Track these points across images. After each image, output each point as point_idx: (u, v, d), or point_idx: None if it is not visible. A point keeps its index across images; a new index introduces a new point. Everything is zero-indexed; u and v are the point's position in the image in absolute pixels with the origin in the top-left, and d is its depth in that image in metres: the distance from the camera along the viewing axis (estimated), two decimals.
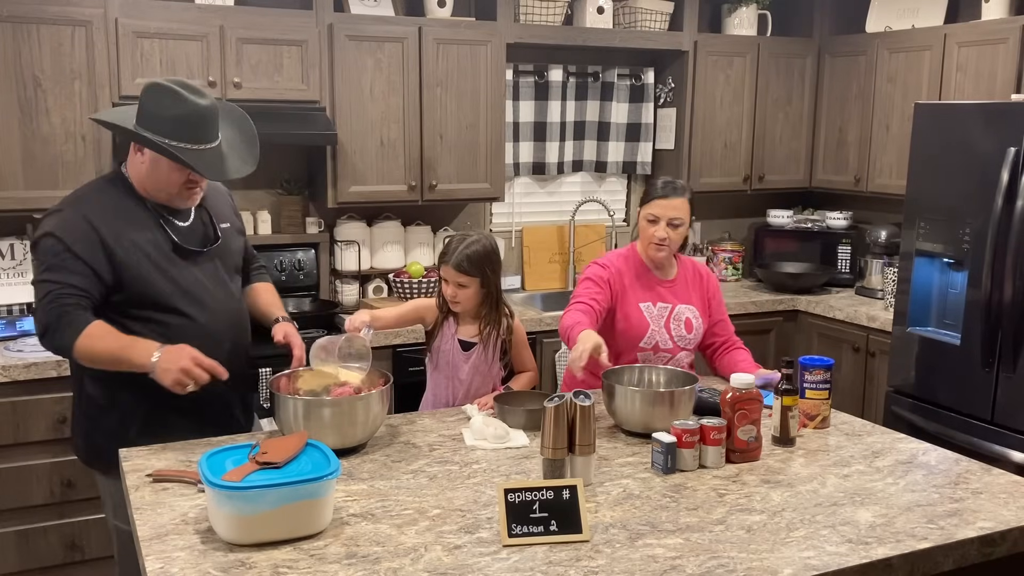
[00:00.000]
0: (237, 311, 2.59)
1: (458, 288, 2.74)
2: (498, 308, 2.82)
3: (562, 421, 2.10)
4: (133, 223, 2.40)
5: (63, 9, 3.40)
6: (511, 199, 4.72)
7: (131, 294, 2.38)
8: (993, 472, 2.29)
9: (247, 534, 1.82)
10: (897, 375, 3.86)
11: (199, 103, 2.32)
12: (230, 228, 2.62)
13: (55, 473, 3.33)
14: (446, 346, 2.81)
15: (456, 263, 2.72)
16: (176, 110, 2.30)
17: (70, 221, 2.35)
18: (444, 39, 4.04)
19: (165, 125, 2.30)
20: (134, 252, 2.37)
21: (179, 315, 2.42)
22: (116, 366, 2.32)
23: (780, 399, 2.44)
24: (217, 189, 2.67)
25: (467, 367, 2.80)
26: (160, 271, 2.40)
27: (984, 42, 4.01)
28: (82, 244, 2.32)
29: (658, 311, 2.93)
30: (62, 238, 2.32)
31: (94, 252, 2.33)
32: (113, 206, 2.40)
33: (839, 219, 4.94)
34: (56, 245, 2.32)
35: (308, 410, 2.28)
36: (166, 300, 2.40)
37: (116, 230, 2.36)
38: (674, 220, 2.87)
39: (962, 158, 3.53)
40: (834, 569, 1.77)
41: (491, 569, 1.76)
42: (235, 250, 2.64)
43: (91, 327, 2.30)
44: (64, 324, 2.29)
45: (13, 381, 3.22)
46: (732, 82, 4.73)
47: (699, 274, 3.07)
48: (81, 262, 2.31)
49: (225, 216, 2.63)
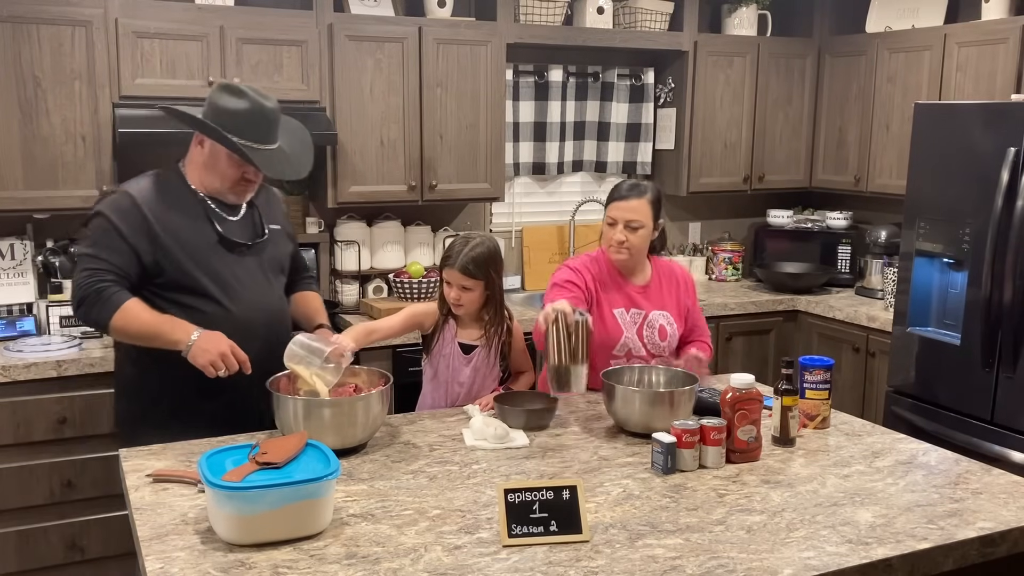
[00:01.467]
0: (275, 309, 2.66)
1: (462, 291, 2.71)
2: (500, 310, 2.81)
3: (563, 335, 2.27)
4: (182, 212, 2.52)
5: (63, 9, 3.40)
6: (511, 199, 4.72)
7: (170, 278, 2.48)
8: (993, 472, 2.29)
9: (247, 534, 1.82)
10: (897, 375, 3.86)
11: (264, 104, 2.47)
12: (280, 231, 2.74)
13: (55, 473, 3.33)
14: (446, 350, 2.79)
15: (461, 266, 2.68)
16: (241, 106, 2.45)
17: (121, 203, 2.49)
18: (444, 39, 4.04)
19: (231, 119, 2.44)
20: (178, 238, 2.48)
21: (214, 303, 2.51)
22: (150, 342, 2.44)
23: (780, 399, 2.44)
24: (272, 194, 2.81)
25: (468, 370, 2.79)
26: (201, 259, 2.51)
27: (984, 42, 4.01)
28: (128, 225, 2.45)
29: (631, 317, 2.86)
30: (110, 218, 2.46)
31: (138, 234, 2.45)
32: (165, 194, 2.53)
33: (839, 219, 4.94)
34: (104, 224, 2.46)
35: (308, 410, 2.28)
36: (203, 287, 2.50)
37: (164, 216, 2.49)
38: (632, 223, 2.78)
39: (962, 158, 3.53)
40: (834, 569, 1.77)
41: (491, 569, 1.76)
42: (281, 252, 2.74)
43: (128, 304, 2.42)
44: (102, 300, 2.41)
45: (13, 381, 3.23)
46: (732, 82, 4.73)
47: (675, 278, 2.98)
48: (125, 242, 2.44)
49: (276, 219, 2.75)
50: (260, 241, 2.63)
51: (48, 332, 3.60)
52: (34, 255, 3.69)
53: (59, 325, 3.59)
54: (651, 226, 2.82)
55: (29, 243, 3.68)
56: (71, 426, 3.31)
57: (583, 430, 2.57)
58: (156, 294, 2.49)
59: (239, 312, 2.52)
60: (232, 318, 2.50)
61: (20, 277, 3.66)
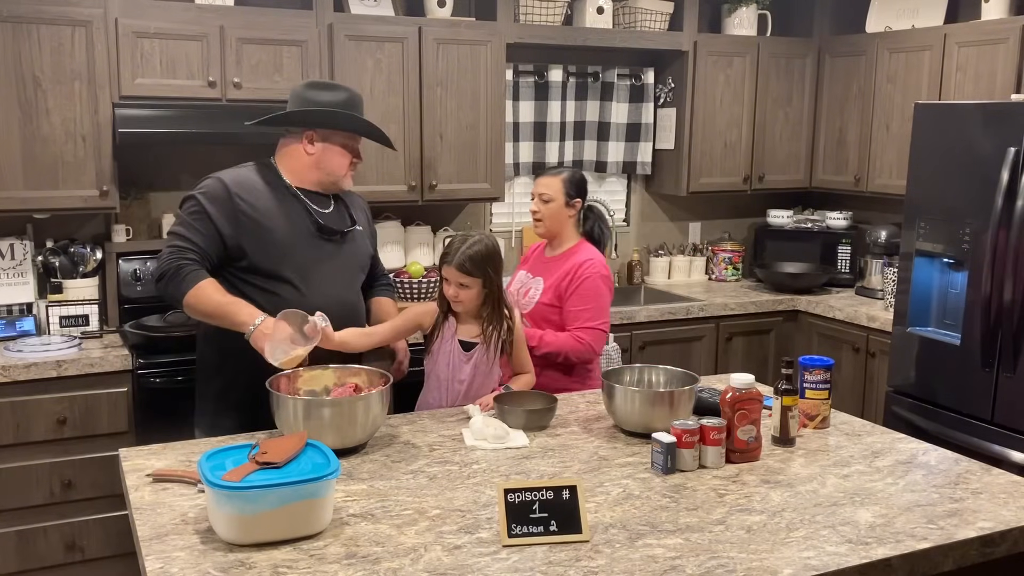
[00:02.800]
0: (350, 303, 2.77)
1: (460, 288, 2.73)
2: (500, 308, 2.81)
3: None
4: (277, 202, 2.66)
5: (63, 9, 3.40)
6: (511, 199, 4.72)
7: (252, 262, 2.61)
8: (993, 472, 2.29)
9: (247, 534, 1.82)
10: (897, 375, 3.86)
11: (353, 90, 2.76)
12: (364, 231, 2.87)
13: (55, 473, 3.33)
14: (446, 347, 2.79)
15: (459, 263, 2.70)
16: (341, 97, 2.69)
17: (213, 187, 2.62)
18: (444, 39, 4.04)
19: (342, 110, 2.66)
20: (269, 225, 2.61)
21: (292, 288, 2.63)
22: (218, 321, 2.54)
23: (780, 399, 2.44)
24: (357, 196, 2.94)
25: (468, 367, 2.79)
26: (290, 247, 2.63)
27: (984, 42, 4.01)
28: (216, 209, 2.58)
29: (524, 277, 3.22)
30: (200, 201, 2.60)
31: (225, 218, 2.58)
32: (259, 184, 2.67)
33: (839, 219, 4.94)
34: (195, 205, 2.61)
35: (308, 410, 2.28)
36: (283, 273, 2.62)
37: (255, 203, 2.62)
38: (543, 195, 3.12)
39: (962, 158, 3.53)
40: (834, 569, 1.77)
41: (491, 569, 1.76)
42: (363, 249, 2.86)
43: (204, 282, 2.54)
44: (180, 276, 2.53)
45: (13, 381, 3.23)
46: (732, 82, 4.73)
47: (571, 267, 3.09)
48: (212, 224, 2.58)
49: (361, 220, 2.88)
50: (351, 229, 2.78)
51: (48, 332, 3.60)
52: (34, 255, 3.69)
53: (59, 325, 3.59)
54: (562, 201, 3.12)
55: (29, 243, 3.68)
56: (71, 426, 3.32)
57: (583, 430, 2.57)
58: (236, 276, 2.62)
59: (314, 300, 2.59)
60: (306, 304, 2.54)
61: (20, 277, 3.66)
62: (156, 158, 3.94)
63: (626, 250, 4.99)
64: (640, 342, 4.30)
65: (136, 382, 3.38)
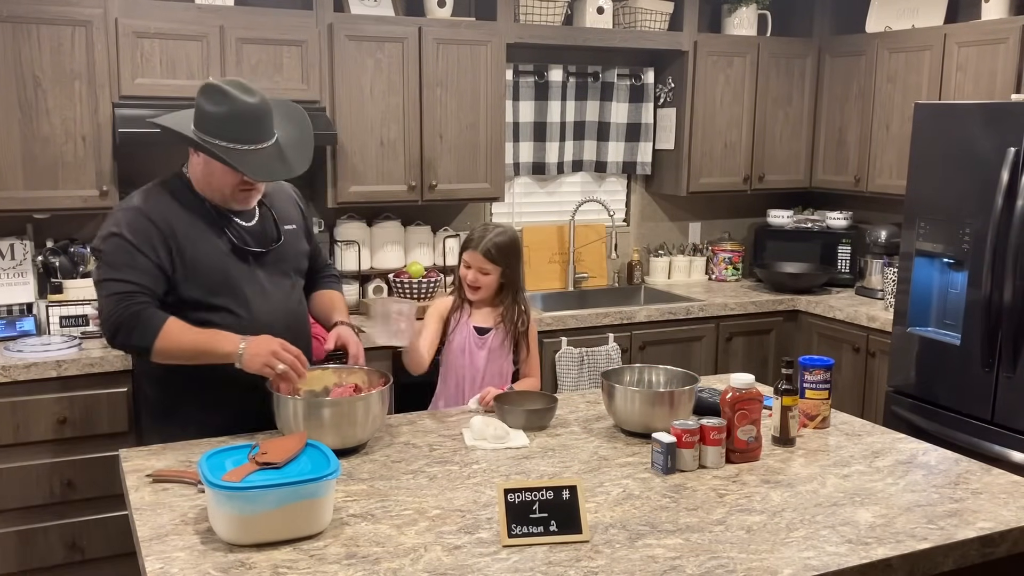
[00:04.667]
0: (293, 312, 2.57)
1: (480, 274, 2.79)
2: (517, 298, 2.87)
3: None
4: (192, 222, 2.41)
5: (63, 9, 3.40)
6: (511, 199, 4.72)
7: (186, 293, 2.39)
8: (993, 472, 2.29)
9: (247, 534, 1.82)
10: (897, 375, 3.86)
11: (247, 101, 2.30)
12: (296, 230, 2.62)
13: (55, 473, 3.33)
14: (461, 335, 2.84)
15: (484, 249, 2.77)
16: (224, 108, 2.29)
17: (134, 220, 2.36)
18: (444, 39, 4.04)
19: (214, 125, 2.29)
20: (193, 250, 2.38)
21: (230, 315, 2.42)
22: (195, 360, 2.34)
23: (780, 399, 2.44)
24: (283, 190, 2.68)
25: (483, 353, 2.83)
26: (215, 270, 2.41)
27: (984, 42, 4.01)
28: (147, 243, 2.34)
29: None
30: (127, 237, 2.34)
31: (158, 250, 2.34)
32: (174, 206, 2.41)
33: (839, 219, 4.94)
34: (122, 244, 2.34)
35: (308, 410, 2.28)
36: (218, 300, 2.41)
37: (177, 228, 2.38)
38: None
39: (962, 158, 3.53)
40: (834, 569, 1.77)
41: (491, 569, 1.76)
42: (298, 252, 2.63)
43: (168, 324, 2.32)
44: (141, 324, 2.30)
45: (13, 381, 3.22)
46: (732, 82, 4.73)
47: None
48: (148, 260, 2.33)
49: (291, 217, 2.63)
50: (275, 247, 2.52)
51: (48, 332, 3.60)
52: (34, 255, 3.69)
53: (59, 325, 3.59)
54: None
55: (29, 243, 3.68)
56: (71, 426, 3.31)
57: (583, 430, 2.57)
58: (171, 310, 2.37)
59: (256, 321, 2.43)
60: (249, 328, 2.40)
61: (20, 277, 3.66)
62: (156, 158, 3.93)
63: (626, 250, 4.99)
64: (640, 342, 4.30)
65: (136, 382, 3.37)
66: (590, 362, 4.13)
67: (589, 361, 4.13)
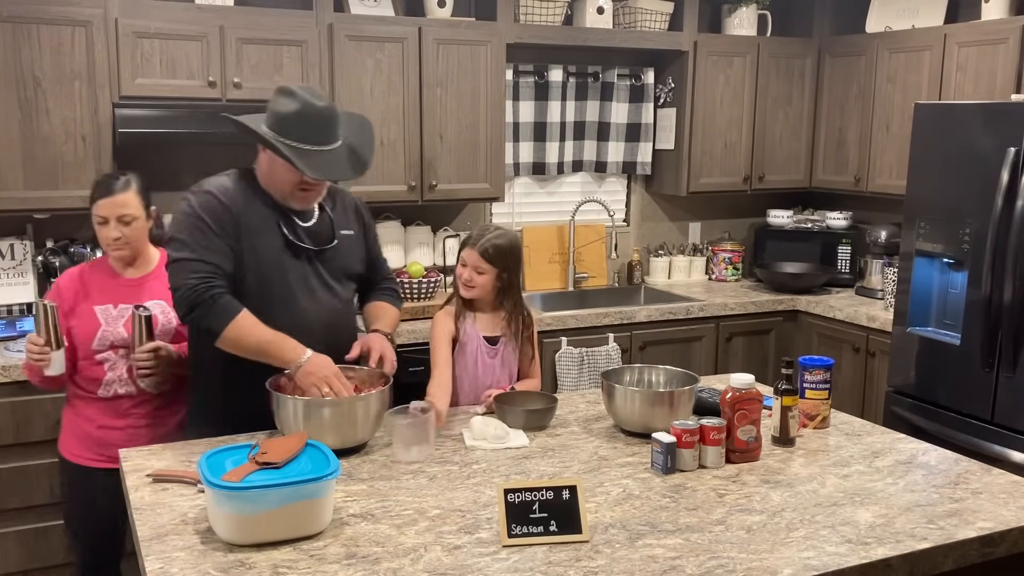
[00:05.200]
0: (337, 313, 2.61)
1: (475, 273, 2.77)
2: (520, 303, 2.85)
3: None
4: (255, 214, 2.47)
5: (63, 9, 3.40)
6: (511, 199, 4.72)
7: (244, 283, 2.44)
8: (993, 472, 2.29)
9: (247, 534, 1.83)
10: (897, 375, 3.86)
11: (314, 104, 2.38)
12: (352, 236, 2.67)
13: (55, 473, 3.32)
14: (472, 345, 2.82)
15: (482, 249, 2.75)
16: (292, 108, 2.36)
17: (207, 202, 2.42)
18: (444, 39, 4.04)
19: (281, 123, 2.37)
20: (250, 240, 2.44)
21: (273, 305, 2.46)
22: (258, 357, 2.38)
23: (780, 399, 2.44)
24: (346, 197, 2.73)
25: (495, 362, 2.82)
26: (267, 263, 2.47)
27: (984, 42, 4.01)
28: (221, 226, 2.40)
29: (118, 311, 2.70)
30: (204, 218, 2.40)
31: (230, 235, 2.41)
32: (243, 196, 2.48)
33: (839, 219, 4.94)
34: (199, 224, 2.39)
35: (308, 410, 2.28)
36: (264, 290, 2.46)
37: (242, 215, 2.45)
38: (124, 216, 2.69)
39: (962, 158, 3.53)
40: (834, 569, 1.77)
41: (491, 569, 1.76)
42: (351, 257, 2.67)
43: (240, 316, 2.36)
44: (217, 308, 2.35)
45: (13, 381, 3.23)
46: (732, 82, 4.73)
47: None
48: (222, 241, 2.40)
49: (348, 223, 2.68)
50: (327, 248, 2.57)
51: None
52: (34, 255, 3.69)
53: None
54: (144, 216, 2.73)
55: (29, 243, 3.68)
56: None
57: (583, 430, 2.57)
58: None
59: (298, 317, 2.48)
60: (290, 322, 2.44)
61: (20, 277, 3.66)
62: (156, 158, 3.94)
63: (626, 250, 4.99)
64: (640, 342, 4.30)
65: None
66: (590, 362, 4.13)
67: (589, 361, 4.13)
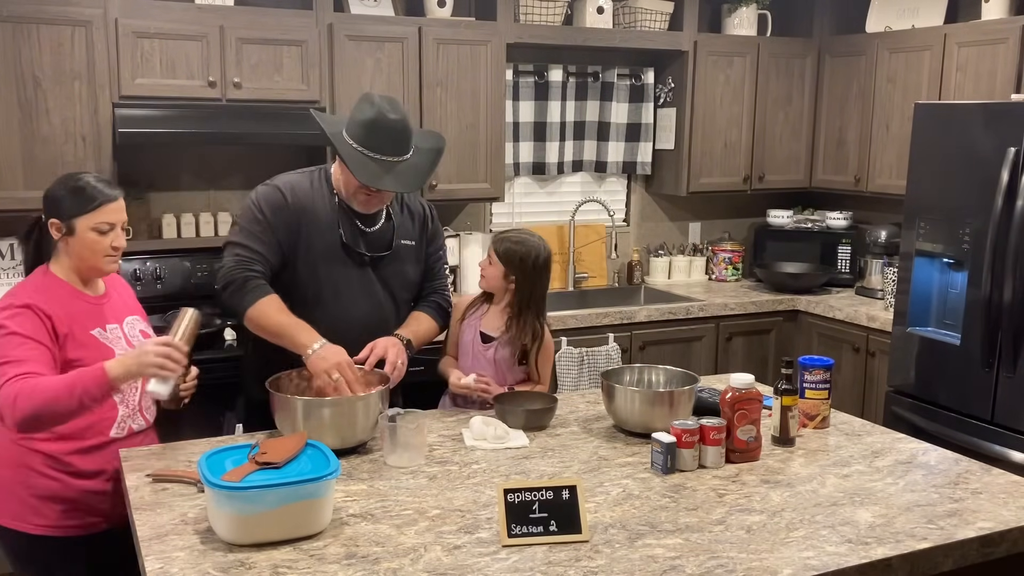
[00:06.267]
0: (378, 320, 2.67)
1: (487, 263, 2.83)
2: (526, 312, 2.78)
3: None
4: (319, 212, 2.61)
5: (63, 9, 3.40)
6: (511, 199, 4.72)
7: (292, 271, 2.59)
8: (993, 472, 2.29)
9: (247, 534, 1.83)
10: (897, 375, 3.86)
11: (387, 114, 2.47)
12: (412, 247, 2.75)
13: None
14: (468, 334, 2.84)
15: (497, 245, 2.80)
16: (367, 115, 2.47)
17: (271, 196, 2.59)
18: (444, 39, 4.04)
19: (355, 128, 2.49)
20: (309, 236, 2.58)
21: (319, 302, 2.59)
22: (276, 340, 2.51)
23: (780, 399, 2.44)
24: (416, 207, 2.81)
25: (485, 362, 2.81)
26: (321, 260, 2.60)
27: (984, 42, 4.01)
28: (277, 220, 2.56)
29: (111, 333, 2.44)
30: (264, 210, 2.57)
31: (283, 230, 2.56)
32: (310, 194, 2.62)
33: (839, 219, 4.94)
34: (257, 214, 2.57)
35: (308, 410, 2.28)
36: (313, 285, 2.60)
37: (304, 211, 2.59)
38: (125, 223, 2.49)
39: (962, 158, 3.53)
40: (834, 569, 1.77)
41: (491, 569, 1.76)
42: (405, 269, 2.74)
43: (267, 298, 2.51)
44: (246, 289, 2.51)
45: None
46: (732, 82, 4.73)
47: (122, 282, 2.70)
48: (273, 235, 2.55)
49: (410, 234, 2.76)
50: (382, 255, 2.66)
51: None
52: None
53: None
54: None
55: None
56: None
57: (583, 430, 2.57)
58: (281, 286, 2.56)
59: (339, 316, 2.58)
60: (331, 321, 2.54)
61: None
62: (156, 158, 3.94)
63: (626, 250, 4.99)
64: (640, 342, 4.30)
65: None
66: (590, 362, 4.13)
67: (589, 361, 4.13)
